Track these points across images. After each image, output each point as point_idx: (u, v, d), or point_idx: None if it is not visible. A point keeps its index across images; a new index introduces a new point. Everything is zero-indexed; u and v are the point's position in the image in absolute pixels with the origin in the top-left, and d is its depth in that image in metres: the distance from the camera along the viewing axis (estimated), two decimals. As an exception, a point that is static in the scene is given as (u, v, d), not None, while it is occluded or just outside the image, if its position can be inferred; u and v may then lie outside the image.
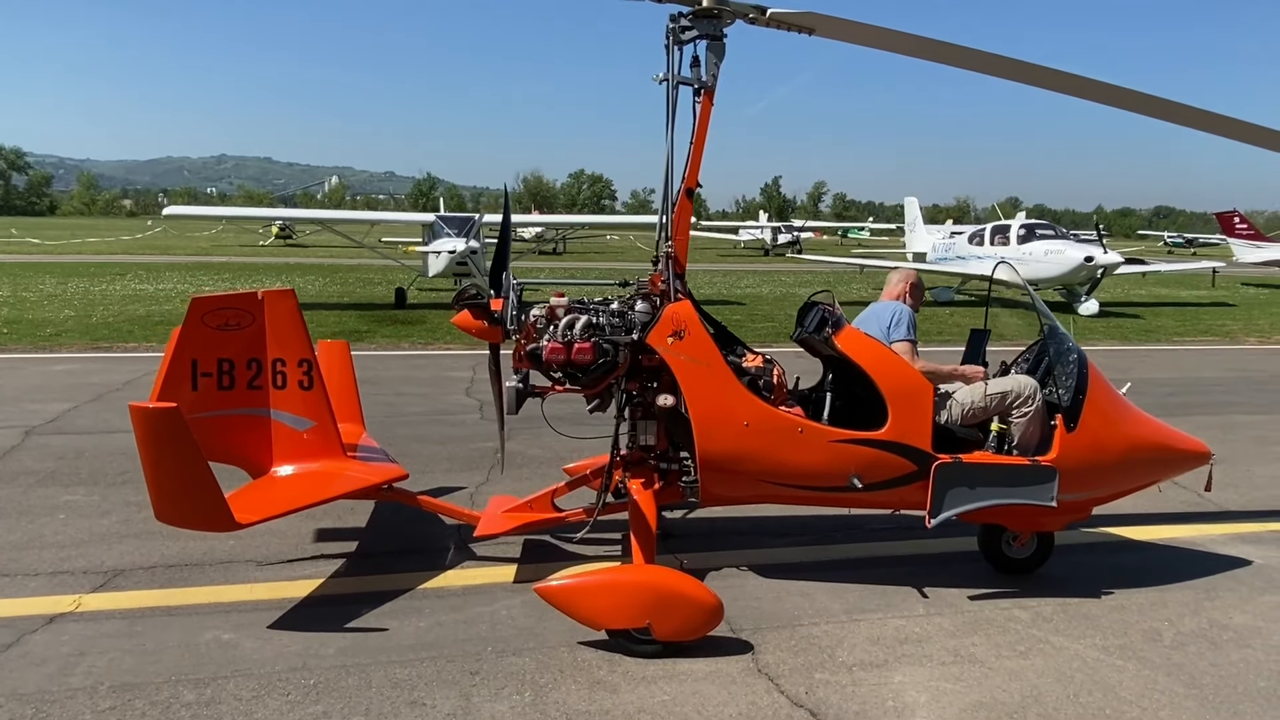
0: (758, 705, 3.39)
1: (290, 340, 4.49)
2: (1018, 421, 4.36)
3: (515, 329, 4.37)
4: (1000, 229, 21.58)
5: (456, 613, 4.13)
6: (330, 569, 4.62)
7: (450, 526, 5.20)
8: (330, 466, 4.52)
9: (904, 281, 4.87)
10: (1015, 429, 4.36)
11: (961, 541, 5.05)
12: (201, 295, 4.41)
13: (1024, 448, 4.35)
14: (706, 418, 4.13)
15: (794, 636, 3.96)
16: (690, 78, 4.27)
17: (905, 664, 3.74)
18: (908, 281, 4.88)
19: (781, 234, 46.80)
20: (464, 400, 9.07)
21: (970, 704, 3.44)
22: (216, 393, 4.39)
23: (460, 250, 15.78)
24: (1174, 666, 3.77)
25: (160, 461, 3.59)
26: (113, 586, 4.34)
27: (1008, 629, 4.09)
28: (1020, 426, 4.34)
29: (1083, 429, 4.28)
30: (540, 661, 3.69)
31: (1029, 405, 4.33)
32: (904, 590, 4.49)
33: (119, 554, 4.72)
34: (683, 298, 4.30)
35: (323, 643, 3.80)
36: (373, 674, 3.55)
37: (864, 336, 4.36)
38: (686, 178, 4.32)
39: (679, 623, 3.73)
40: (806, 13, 4.17)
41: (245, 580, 4.45)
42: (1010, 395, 4.37)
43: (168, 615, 4.04)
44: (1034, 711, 3.39)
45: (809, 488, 4.30)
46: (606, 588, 3.81)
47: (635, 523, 4.27)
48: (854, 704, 3.41)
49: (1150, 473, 4.60)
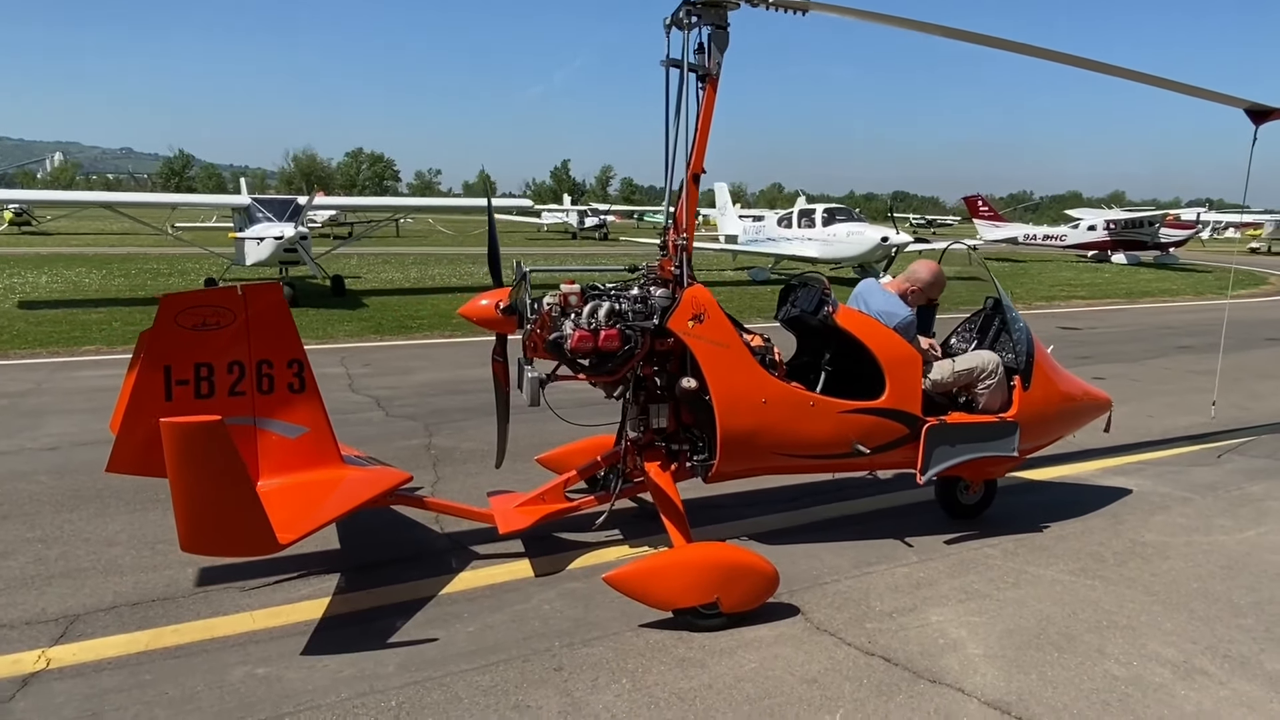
0: (835, 659, 3.64)
1: (277, 339, 4.07)
2: (982, 392, 4.89)
3: (533, 318, 4.26)
4: (806, 213, 23.47)
5: (497, 613, 4.00)
6: (327, 586, 4.25)
7: (433, 527, 4.97)
8: (331, 475, 4.16)
9: (909, 281, 5.01)
10: (980, 398, 4.90)
11: (908, 495, 5.62)
12: (173, 293, 3.87)
13: (988, 410, 4.91)
14: (728, 397, 4.28)
15: (825, 594, 4.26)
16: (695, 64, 4.36)
17: (931, 606, 4.16)
18: (914, 282, 5.00)
19: (588, 217, 47.28)
20: (354, 398, 8.49)
21: (1001, 631, 3.91)
22: (194, 402, 3.89)
23: (289, 236, 14.49)
24: (1128, 581, 4.50)
25: (200, 483, 3.14)
26: (77, 635, 3.72)
27: (991, 566, 4.65)
28: (985, 396, 4.87)
29: (1034, 388, 4.93)
30: (615, 649, 3.69)
31: (992, 378, 4.87)
32: (889, 543, 4.94)
33: (59, 598, 4.04)
34: (696, 282, 4.40)
35: (377, 662, 3.54)
36: (453, 685, 3.38)
37: (860, 314, 4.71)
38: (692, 163, 4.41)
39: (744, 594, 3.89)
40: (804, 1, 4.37)
41: (234, 610, 3.99)
42: (976, 370, 4.88)
43: (171, 658, 3.56)
44: (1053, 630, 3.93)
45: (817, 456, 4.59)
46: (675, 568, 3.88)
47: (663, 505, 4.34)
48: (913, 646, 3.76)
49: (1076, 420, 5.38)
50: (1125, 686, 3.47)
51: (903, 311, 4.74)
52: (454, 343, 12.14)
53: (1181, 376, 10.37)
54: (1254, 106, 5.88)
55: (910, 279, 5.07)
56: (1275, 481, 6.24)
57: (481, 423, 7.46)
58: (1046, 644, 3.80)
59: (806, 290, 4.91)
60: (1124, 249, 35.23)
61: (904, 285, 5.02)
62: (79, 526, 4.95)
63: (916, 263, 5.15)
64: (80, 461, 6.13)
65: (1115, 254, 35.41)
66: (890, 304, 4.78)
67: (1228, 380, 10.14)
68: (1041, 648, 3.77)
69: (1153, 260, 35.07)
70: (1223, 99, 5.81)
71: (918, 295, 5.04)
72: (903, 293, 4.95)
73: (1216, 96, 5.76)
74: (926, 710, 3.28)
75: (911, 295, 4.99)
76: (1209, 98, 5.72)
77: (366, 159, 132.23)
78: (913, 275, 5.08)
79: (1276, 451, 7.07)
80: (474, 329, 13.00)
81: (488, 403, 7.98)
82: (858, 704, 3.31)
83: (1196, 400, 8.93)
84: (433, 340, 12.18)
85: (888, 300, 4.79)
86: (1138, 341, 13.80)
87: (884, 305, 4.76)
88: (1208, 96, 5.71)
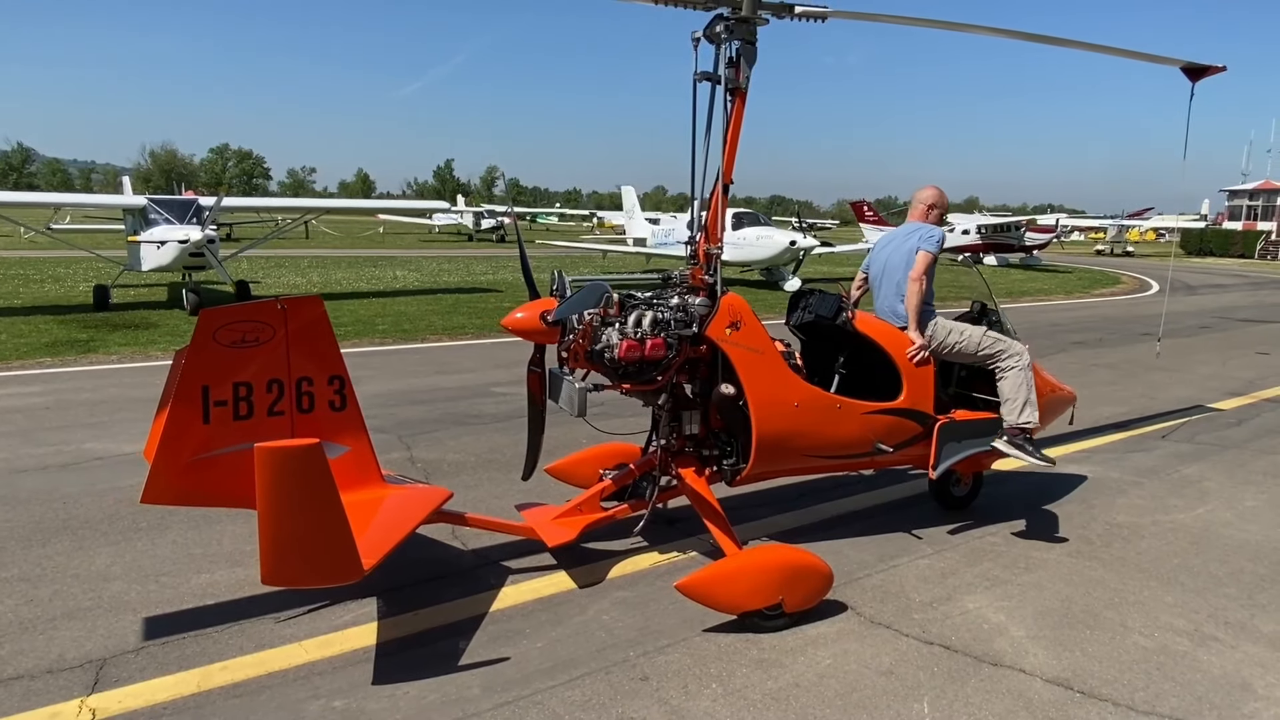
0: (901, 650, 3.82)
1: (318, 355, 3.88)
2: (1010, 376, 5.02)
3: (577, 329, 4.23)
4: (714, 216, 23.94)
5: (558, 627, 3.95)
6: (368, 611, 4.08)
7: (453, 544, 4.84)
8: (377, 495, 3.99)
9: (924, 204, 5.27)
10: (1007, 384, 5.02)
11: (895, 491, 5.93)
12: (212, 308, 3.62)
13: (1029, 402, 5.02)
14: (764, 402, 4.40)
15: (865, 589, 4.44)
16: (728, 78, 4.44)
17: (963, 594, 4.42)
18: (930, 205, 5.27)
19: (485, 218, 46.34)
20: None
21: (1033, 613, 4.21)
22: (232, 424, 3.66)
23: (196, 239, 13.54)
24: (1119, 561, 4.92)
25: (295, 511, 2.96)
26: (114, 681, 3.43)
27: (999, 553, 4.98)
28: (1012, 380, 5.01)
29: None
30: (691, 654, 3.73)
31: (1016, 363, 5.01)
32: (900, 536, 5.19)
33: (74, 643, 3.70)
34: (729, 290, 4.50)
35: (459, 686, 3.44)
36: (548, 703, 3.33)
37: (876, 320, 4.94)
38: (724, 173, 4.50)
39: (805, 594, 4.01)
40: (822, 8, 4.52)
41: (279, 643, 3.77)
42: (1002, 352, 5.03)
43: (232, 697, 3.34)
44: (1077, 607, 4.27)
45: (842, 456, 4.79)
46: (741, 574, 3.95)
47: (703, 510, 4.41)
48: (964, 632, 3.99)
49: (1051, 414, 5.81)
50: (1158, 656, 3.82)
51: (936, 231, 5.08)
52: (390, 350, 11.73)
53: (1087, 370, 11.30)
54: (1189, 65, 6.17)
55: (923, 206, 5.30)
56: (1204, 464, 6.96)
57: (458, 433, 7.29)
58: (1077, 623, 4.12)
59: (822, 296, 5.09)
60: (994, 251, 37.85)
61: (921, 213, 5.29)
62: (60, 562, 4.52)
63: (920, 191, 5.39)
64: (29, 490, 5.58)
65: (987, 256, 37.97)
66: (923, 230, 5.10)
67: (1125, 374, 11.18)
68: (1074, 626, 4.08)
69: (1019, 262, 37.88)
70: (1159, 59, 6.20)
71: (936, 215, 5.33)
72: (923, 219, 5.26)
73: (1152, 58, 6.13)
74: (1001, 691, 3.50)
75: (932, 216, 5.29)
76: (1145, 59, 6.06)
77: (233, 155, 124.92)
78: (923, 201, 5.31)
79: (1194, 436, 7.86)
80: (405, 336, 12.74)
81: (452, 412, 7.85)
82: (938, 691, 3.49)
83: (1109, 391, 9.79)
84: (366, 348, 11.72)
85: (919, 228, 5.11)
86: (1033, 339, 14.83)
87: (921, 233, 5.05)
88: (1144, 58, 6.05)
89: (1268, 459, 7.16)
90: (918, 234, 5.10)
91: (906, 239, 5.15)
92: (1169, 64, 6.17)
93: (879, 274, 5.28)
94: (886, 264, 5.22)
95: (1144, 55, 5.85)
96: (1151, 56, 5.91)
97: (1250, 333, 16.20)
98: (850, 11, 4.59)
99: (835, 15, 4.53)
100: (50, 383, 8.96)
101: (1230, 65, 6.24)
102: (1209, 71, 6.15)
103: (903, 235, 5.23)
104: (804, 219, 25.81)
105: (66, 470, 6.02)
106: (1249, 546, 5.18)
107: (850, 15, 4.59)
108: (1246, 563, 4.93)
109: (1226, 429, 8.20)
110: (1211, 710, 3.42)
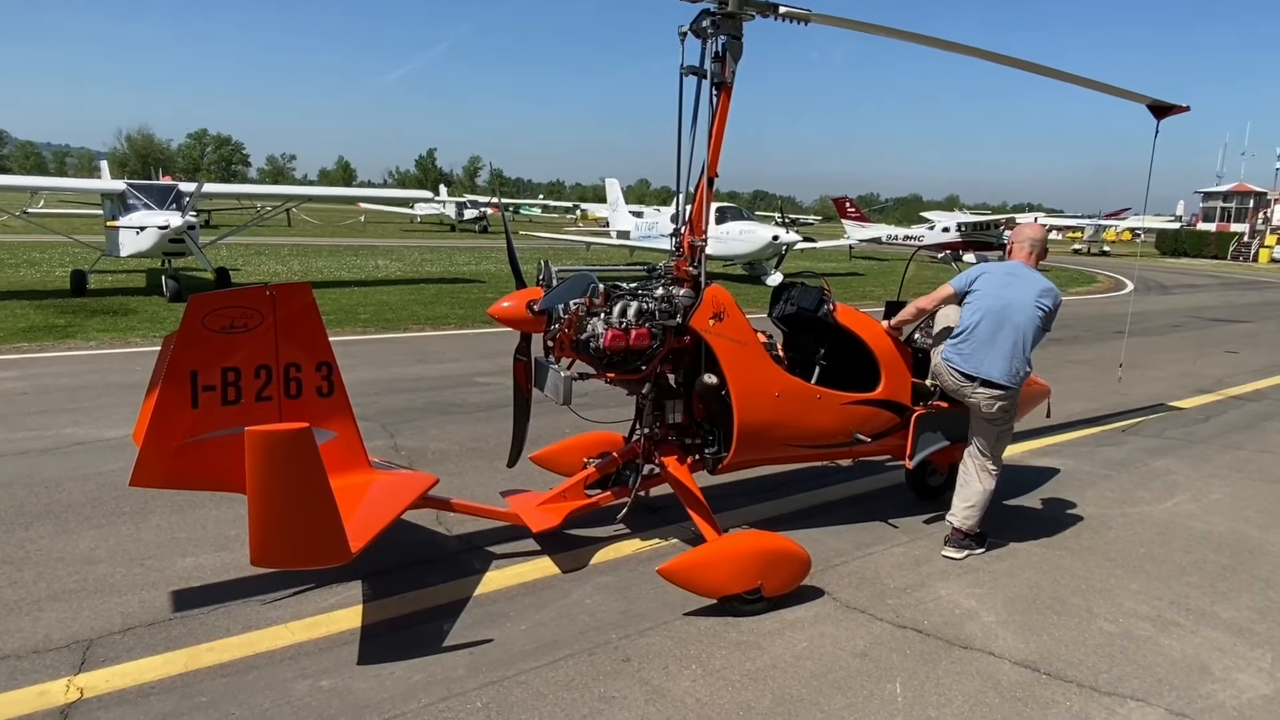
0: (874, 634, 3.93)
1: (307, 341, 3.92)
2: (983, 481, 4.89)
3: (563, 318, 4.30)
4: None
5: (542, 610, 4.03)
6: (353, 594, 4.13)
7: (438, 529, 4.90)
8: (363, 480, 4.05)
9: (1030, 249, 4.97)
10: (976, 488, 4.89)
11: (872, 481, 6.05)
12: (201, 294, 3.65)
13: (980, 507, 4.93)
14: (746, 392, 4.49)
15: (841, 575, 4.55)
16: (713, 72, 4.51)
17: (936, 580, 4.54)
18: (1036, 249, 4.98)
19: (468, 209, 46.14)
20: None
21: (1003, 600, 4.34)
22: (220, 409, 3.69)
23: (176, 225, 13.41)
24: (1087, 550, 5.07)
25: (284, 494, 3.01)
26: (101, 661, 3.46)
27: (972, 542, 5.10)
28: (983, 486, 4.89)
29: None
30: (672, 637, 3.82)
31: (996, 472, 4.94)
32: (876, 525, 5.31)
33: (60, 624, 3.73)
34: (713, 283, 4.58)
35: (444, 666, 3.51)
36: (532, 682, 3.41)
37: (857, 312, 5.05)
38: (709, 167, 4.58)
39: (784, 579, 4.11)
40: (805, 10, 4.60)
41: (265, 624, 3.82)
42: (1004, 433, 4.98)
43: (220, 677, 3.39)
44: (1046, 596, 4.40)
45: (822, 446, 4.89)
46: (722, 559, 4.04)
47: (685, 498, 4.50)
48: (935, 617, 4.11)
49: (1028, 406, 5.95)
50: (1121, 640, 3.96)
51: (1057, 294, 4.84)
52: (373, 339, 11.72)
53: (1060, 366, 11.50)
54: (1155, 103, 6.35)
55: (1029, 248, 5.01)
56: (1172, 457, 7.14)
57: (441, 421, 7.33)
58: (1045, 609, 4.26)
59: (804, 289, 5.19)
60: (974, 249, 38.26)
61: (1028, 256, 4.98)
62: (44, 545, 4.53)
63: (1020, 228, 5.23)
64: (10, 475, 5.57)
65: (966, 254, 38.39)
66: (1044, 284, 4.83)
67: (1099, 369, 11.39)
68: (1042, 612, 4.22)
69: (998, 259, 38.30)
70: (1127, 95, 6.38)
71: (1043, 256, 5.08)
72: (1037, 264, 4.99)
73: (1122, 93, 6.29)
74: (971, 673, 3.62)
75: (1035, 258, 5.01)
76: (1115, 94, 6.23)
77: (212, 141, 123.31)
78: (1027, 241, 5.03)
79: (1163, 431, 8.06)
80: (388, 326, 12.73)
81: (436, 401, 7.89)
82: (910, 672, 3.61)
83: (1082, 386, 9.98)
84: (348, 337, 11.70)
85: (1041, 281, 4.83)
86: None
87: (1044, 287, 4.81)
88: (1114, 93, 6.22)
89: (1233, 454, 7.36)
90: (1037, 288, 4.78)
91: (1027, 286, 4.78)
92: (1136, 100, 6.31)
93: (994, 325, 4.76)
94: (1007, 310, 4.74)
95: (1113, 89, 5.98)
96: (1120, 91, 6.06)
97: (1220, 332, 16.54)
98: (832, 17, 4.67)
99: (817, 20, 4.61)
100: (28, 368, 8.89)
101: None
102: (1173, 110, 6.32)
103: (1023, 283, 4.81)
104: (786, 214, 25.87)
105: (47, 455, 6.01)
106: (1213, 537, 5.35)
107: (831, 21, 4.66)
108: (1210, 552, 5.09)
109: (1195, 425, 8.41)
110: (1171, 691, 3.56)
